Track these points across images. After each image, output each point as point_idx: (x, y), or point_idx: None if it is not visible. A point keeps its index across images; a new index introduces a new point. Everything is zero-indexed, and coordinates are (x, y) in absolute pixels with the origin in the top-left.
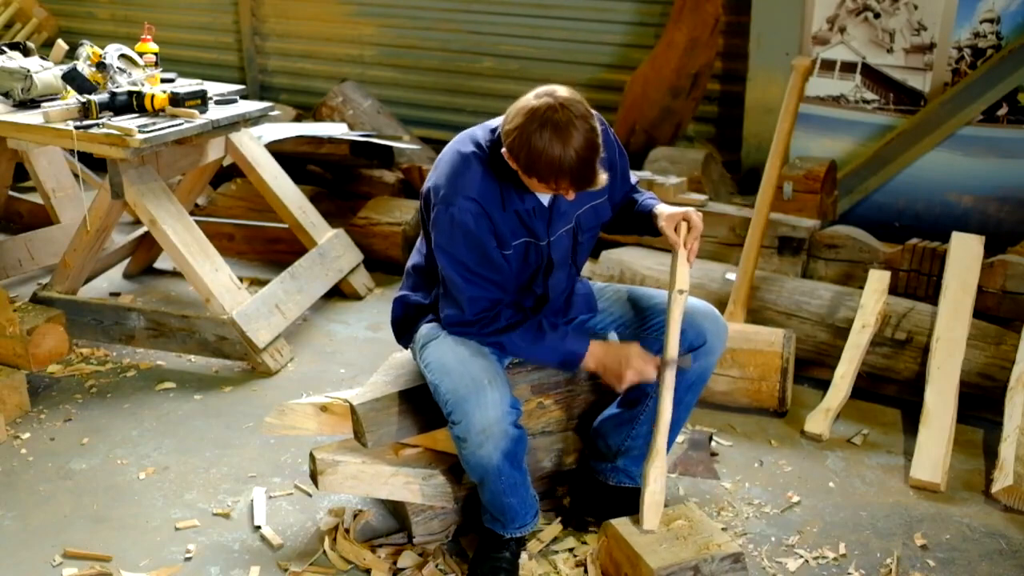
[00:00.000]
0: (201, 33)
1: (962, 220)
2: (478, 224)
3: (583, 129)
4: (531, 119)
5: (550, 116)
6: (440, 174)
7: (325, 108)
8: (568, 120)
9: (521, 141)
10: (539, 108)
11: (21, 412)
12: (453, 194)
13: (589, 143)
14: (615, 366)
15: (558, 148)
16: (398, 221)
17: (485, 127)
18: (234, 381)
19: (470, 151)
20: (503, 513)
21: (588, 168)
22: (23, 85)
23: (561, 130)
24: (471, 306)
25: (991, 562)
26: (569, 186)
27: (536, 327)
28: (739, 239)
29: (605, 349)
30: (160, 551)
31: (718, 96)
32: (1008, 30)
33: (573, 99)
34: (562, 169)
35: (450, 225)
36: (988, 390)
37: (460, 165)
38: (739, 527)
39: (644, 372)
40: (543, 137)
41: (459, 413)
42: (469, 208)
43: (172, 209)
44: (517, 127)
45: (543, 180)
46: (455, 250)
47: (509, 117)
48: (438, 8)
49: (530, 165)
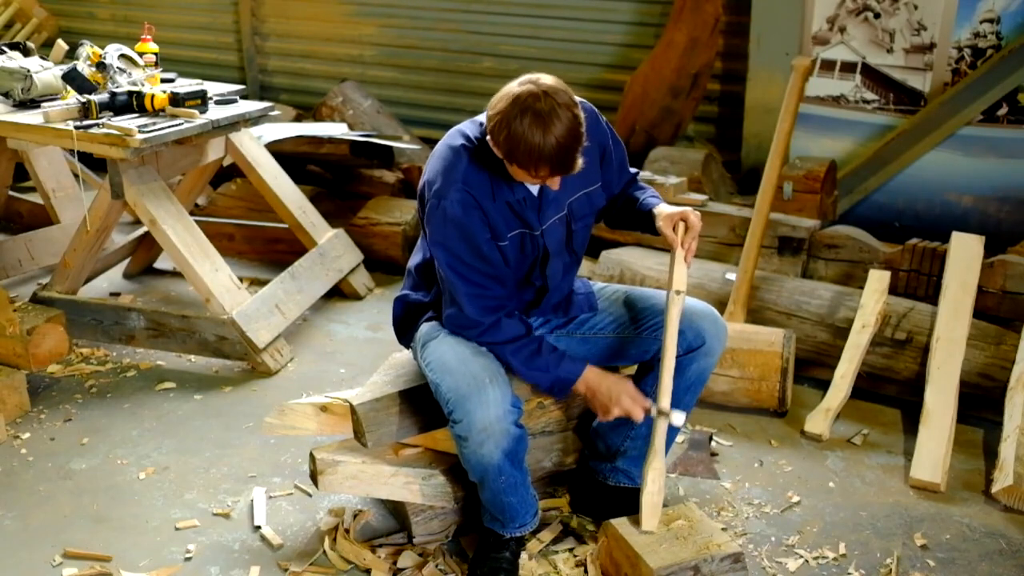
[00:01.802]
0: (201, 33)
1: (962, 220)
2: (469, 216)
3: (565, 118)
4: (513, 105)
5: (531, 104)
6: (432, 169)
7: (325, 108)
8: (551, 108)
9: (502, 127)
10: (521, 95)
11: (21, 412)
12: (445, 187)
13: (571, 131)
14: (604, 398)
15: (538, 135)
16: (398, 221)
17: (474, 120)
18: (234, 381)
19: (459, 144)
20: (503, 513)
21: (568, 156)
22: (23, 85)
23: (542, 118)
24: (469, 303)
25: (991, 562)
26: (549, 173)
27: (535, 348)
28: (739, 239)
29: (600, 379)
30: (160, 551)
31: (718, 96)
32: (1008, 30)
33: (557, 87)
34: (542, 156)
35: (443, 218)
36: (988, 390)
37: (451, 158)
38: (739, 527)
39: (631, 413)
40: (523, 124)
41: (460, 412)
42: (460, 200)
43: (172, 209)
44: (499, 112)
45: (523, 167)
46: (449, 244)
47: (492, 104)
48: (438, 8)
49: (510, 151)
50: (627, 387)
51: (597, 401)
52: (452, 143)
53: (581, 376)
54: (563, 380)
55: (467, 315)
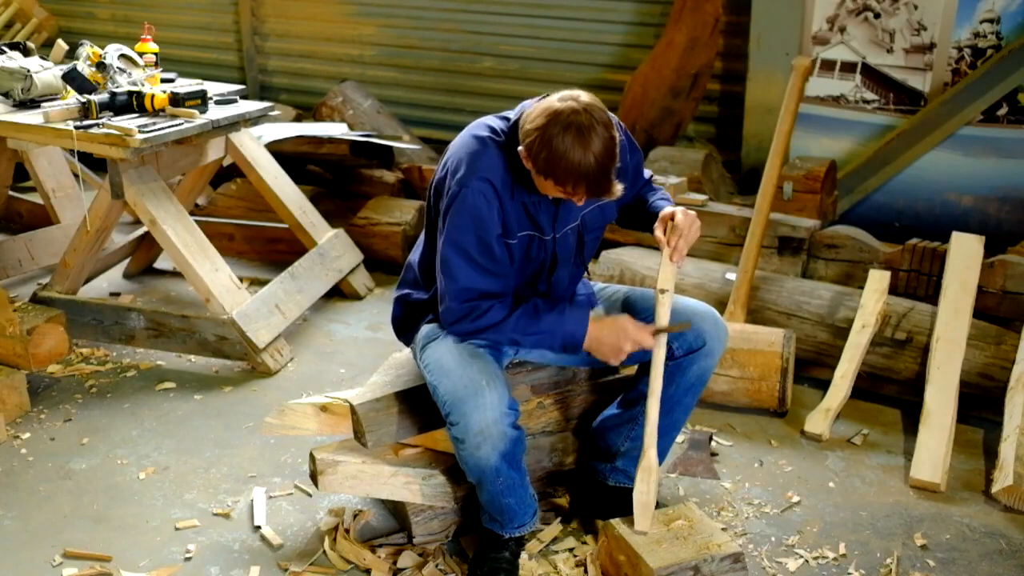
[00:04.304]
0: (201, 33)
1: (962, 220)
2: (489, 207)
3: (604, 136)
4: (553, 121)
5: (574, 119)
6: (455, 157)
7: (325, 108)
8: (591, 125)
9: (542, 142)
10: (563, 111)
11: (21, 412)
12: (469, 174)
13: (609, 151)
14: (612, 339)
15: (579, 152)
16: (398, 221)
17: (499, 116)
18: (234, 381)
19: (485, 135)
20: (501, 513)
21: (605, 176)
22: (23, 85)
23: (583, 134)
24: (464, 295)
25: (991, 562)
26: (585, 193)
27: (532, 310)
28: (739, 239)
29: (598, 325)
30: (160, 551)
31: (718, 96)
32: (1008, 30)
33: (596, 105)
34: (580, 174)
35: (461, 206)
36: (988, 390)
37: (476, 148)
38: (739, 527)
39: (642, 341)
40: (565, 140)
41: (457, 414)
42: (483, 190)
43: (172, 209)
44: (538, 128)
45: (559, 183)
46: (461, 234)
47: (530, 117)
48: (438, 8)
49: (549, 167)
50: (627, 322)
51: (606, 345)
52: (478, 133)
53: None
54: (570, 336)
55: (457, 308)
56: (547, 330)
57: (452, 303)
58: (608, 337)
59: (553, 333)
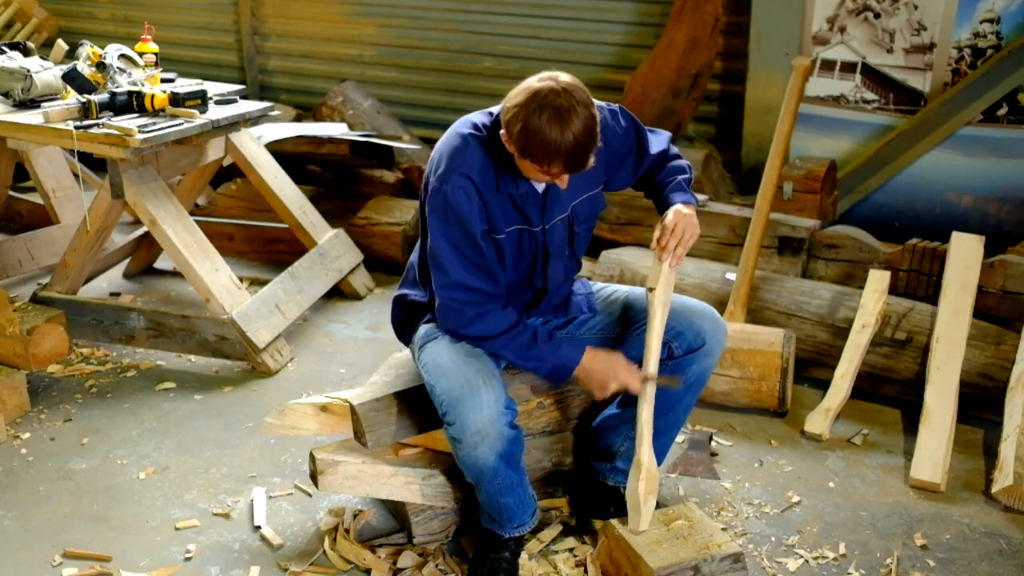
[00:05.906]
0: (201, 33)
1: (962, 220)
2: (469, 203)
3: (583, 116)
4: (531, 100)
5: (551, 99)
6: (438, 153)
7: (325, 108)
8: (569, 105)
9: (518, 120)
10: (541, 90)
11: (21, 412)
12: (449, 171)
13: (588, 130)
14: (601, 375)
15: (556, 131)
16: (398, 221)
17: (484, 111)
18: (234, 381)
19: (468, 132)
20: (500, 513)
21: (584, 153)
22: (23, 85)
23: (561, 114)
24: (455, 290)
25: (991, 562)
26: (562, 170)
27: (531, 338)
28: (739, 239)
29: (592, 358)
30: (160, 551)
31: (718, 96)
32: (1008, 30)
33: (575, 85)
34: (557, 151)
35: (443, 202)
36: (988, 390)
37: (458, 144)
38: (739, 527)
39: (628, 383)
40: (542, 118)
41: (454, 414)
42: (463, 186)
43: (172, 209)
44: (517, 106)
45: (536, 161)
46: (447, 229)
47: (510, 98)
48: (438, 8)
49: (526, 146)
50: (620, 360)
51: (594, 381)
52: (461, 130)
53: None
54: (560, 368)
55: (450, 305)
56: (538, 357)
57: (445, 298)
58: (598, 372)
59: (544, 361)
